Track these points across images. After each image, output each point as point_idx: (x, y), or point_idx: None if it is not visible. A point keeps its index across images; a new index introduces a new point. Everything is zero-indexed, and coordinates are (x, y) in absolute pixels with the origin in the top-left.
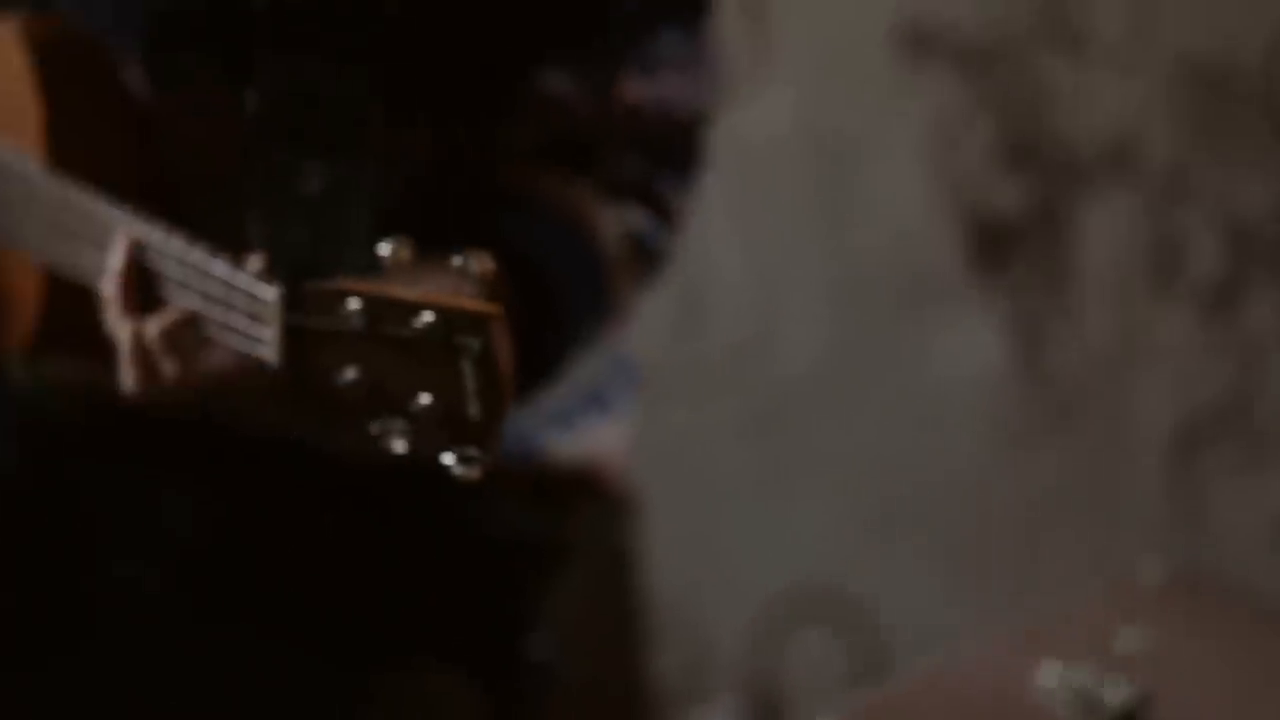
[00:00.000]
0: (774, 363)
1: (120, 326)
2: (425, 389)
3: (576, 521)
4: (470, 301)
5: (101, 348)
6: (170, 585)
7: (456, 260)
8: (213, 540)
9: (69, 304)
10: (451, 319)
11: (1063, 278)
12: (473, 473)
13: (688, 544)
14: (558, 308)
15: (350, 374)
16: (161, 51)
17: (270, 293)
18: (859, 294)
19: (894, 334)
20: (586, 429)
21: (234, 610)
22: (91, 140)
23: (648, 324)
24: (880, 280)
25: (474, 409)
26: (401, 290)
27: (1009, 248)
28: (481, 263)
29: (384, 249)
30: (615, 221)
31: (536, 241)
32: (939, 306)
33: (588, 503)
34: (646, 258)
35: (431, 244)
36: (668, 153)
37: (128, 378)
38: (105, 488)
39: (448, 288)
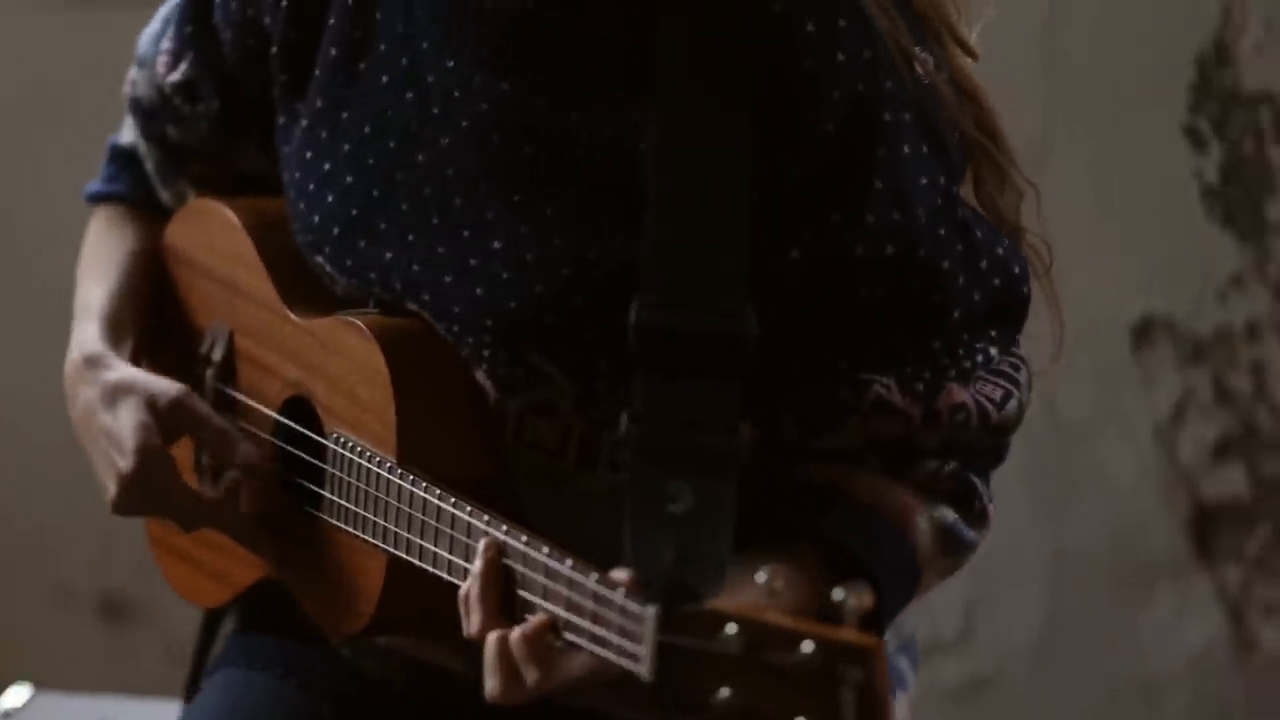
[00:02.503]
0: (984, 639)
1: (483, 631)
2: (804, 716)
3: None
4: (851, 634)
5: (430, 631)
6: None
7: (838, 594)
8: None
9: (405, 594)
10: (833, 649)
11: None
12: None
13: None
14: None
15: (724, 694)
16: (510, 354)
17: (648, 611)
18: (1075, 572)
19: (1109, 613)
20: None
21: None
22: (440, 438)
23: None
24: (1097, 560)
25: None
26: (781, 618)
27: (1228, 533)
28: (861, 599)
29: (760, 577)
30: (929, 518)
31: (856, 537)
32: (1155, 588)
33: None
34: (955, 550)
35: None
36: (982, 454)
37: (491, 685)
38: None
39: (814, 602)
